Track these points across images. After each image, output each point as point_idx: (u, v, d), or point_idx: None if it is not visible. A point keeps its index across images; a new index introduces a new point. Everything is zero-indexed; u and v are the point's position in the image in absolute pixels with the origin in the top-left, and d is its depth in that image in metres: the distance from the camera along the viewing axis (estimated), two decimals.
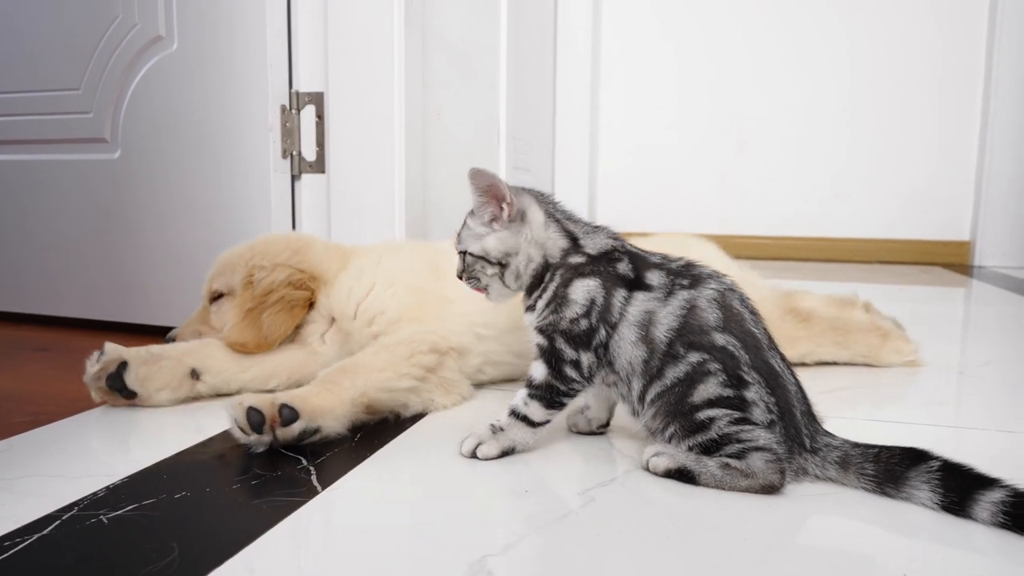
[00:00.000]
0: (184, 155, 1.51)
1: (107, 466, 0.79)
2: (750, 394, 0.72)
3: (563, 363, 0.78)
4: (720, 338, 0.74)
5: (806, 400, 0.75)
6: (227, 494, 0.72)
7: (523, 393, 0.80)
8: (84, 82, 1.59)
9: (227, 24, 1.44)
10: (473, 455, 0.80)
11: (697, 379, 0.73)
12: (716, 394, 0.72)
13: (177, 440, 0.87)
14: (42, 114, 1.64)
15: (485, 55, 2.11)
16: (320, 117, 1.51)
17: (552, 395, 0.79)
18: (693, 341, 0.74)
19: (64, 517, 0.66)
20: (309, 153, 1.52)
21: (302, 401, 0.84)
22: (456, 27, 1.87)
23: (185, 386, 1.01)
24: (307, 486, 0.73)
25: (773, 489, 0.70)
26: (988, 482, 0.65)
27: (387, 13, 1.46)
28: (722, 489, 0.71)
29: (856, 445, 0.73)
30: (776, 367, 0.74)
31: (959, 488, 0.66)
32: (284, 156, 1.49)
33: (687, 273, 0.79)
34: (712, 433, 0.72)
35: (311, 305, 1.10)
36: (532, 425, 0.80)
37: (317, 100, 1.51)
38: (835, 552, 0.61)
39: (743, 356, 0.73)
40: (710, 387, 0.73)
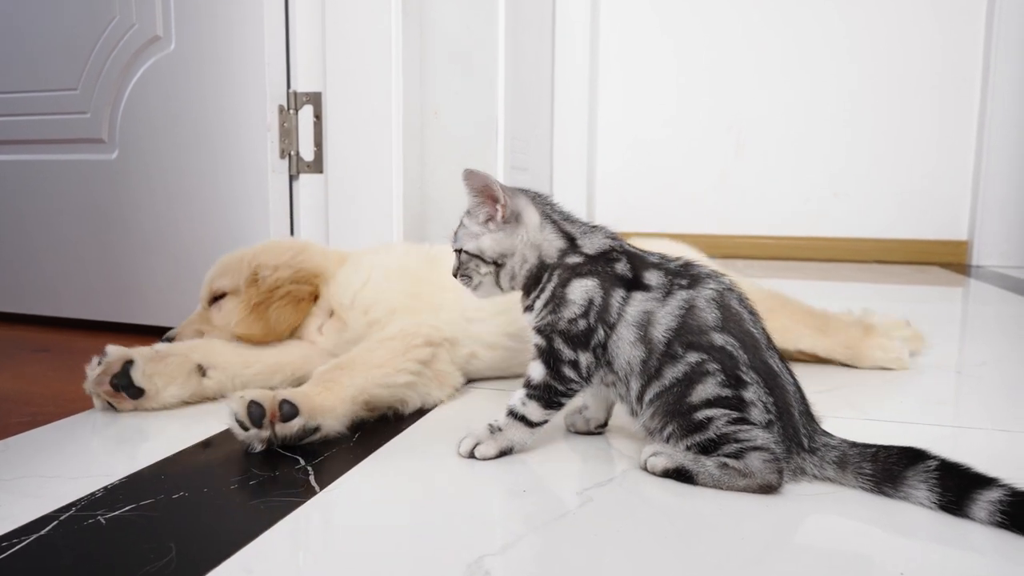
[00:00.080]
0: (182, 155, 1.51)
1: (105, 466, 0.79)
2: (748, 394, 0.72)
3: (561, 363, 0.78)
4: (719, 338, 0.74)
5: (804, 400, 0.75)
6: (225, 494, 0.71)
7: (521, 393, 0.80)
8: (82, 82, 1.58)
9: (225, 24, 1.44)
10: (471, 455, 0.80)
11: (695, 379, 0.73)
12: (714, 394, 0.72)
13: (175, 441, 0.87)
14: (40, 114, 1.64)
15: (483, 54, 2.11)
16: (318, 117, 1.51)
17: (550, 395, 0.79)
18: (692, 341, 0.74)
19: (62, 517, 0.66)
20: (307, 153, 1.52)
21: (303, 398, 0.84)
22: (454, 25, 1.87)
23: (192, 382, 1.00)
24: (305, 486, 0.73)
25: (771, 489, 0.70)
26: (986, 481, 0.65)
27: (385, 12, 1.46)
28: (720, 489, 0.71)
29: (854, 445, 0.73)
30: (774, 367, 0.74)
31: (957, 487, 0.66)
32: (282, 156, 1.49)
33: (686, 273, 0.79)
34: (710, 433, 0.72)
35: (315, 300, 1.12)
36: (530, 425, 0.80)
37: (315, 100, 1.51)
38: (833, 552, 0.61)
39: (741, 356, 0.73)
40: (708, 387, 0.73)
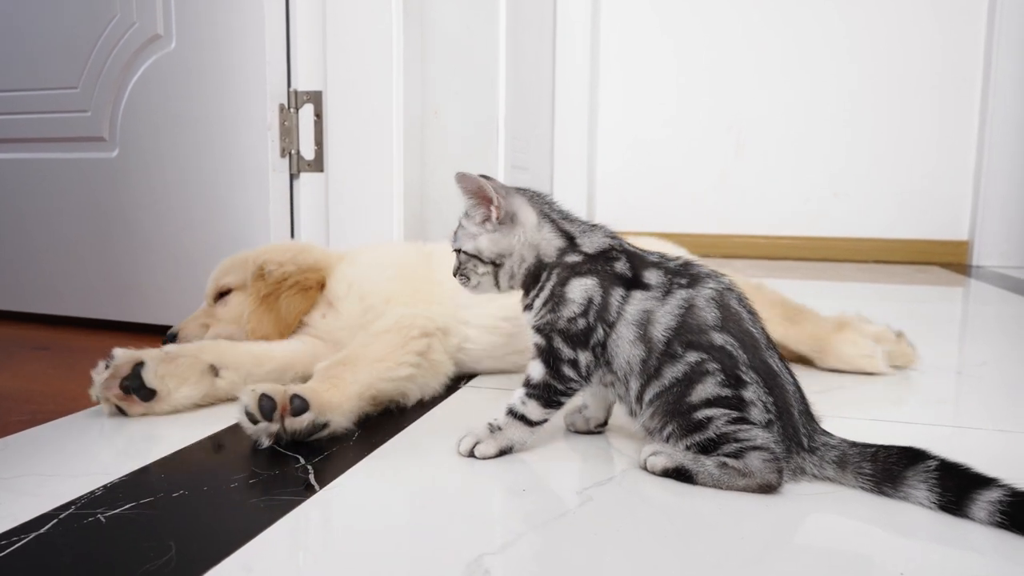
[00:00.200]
0: (182, 154, 1.51)
1: (105, 465, 0.79)
2: (748, 393, 0.72)
3: (561, 362, 0.78)
4: (718, 337, 0.74)
5: (804, 399, 0.75)
6: (225, 493, 0.71)
7: (521, 392, 0.80)
8: (82, 80, 1.58)
9: (225, 23, 1.44)
10: (471, 454, 0.80)
11: (695, 379, 0.73)
12: (714, 394, 0.72)
13: (175, 440, 0.87)
14: (40, 112, 1.64)
15: (484, 53, 2.11)
16: (319, 116, 1.51)
17: (550, 394, 0.79)
18: (691, 340, 0.74)
19: (61, 516, 0.66)
20: (308, 152, 1.52)
21: (313, 394, 0.85)
22: (454, 24, 1.87)
23: (205, 382, 0.99)
24: (305, 485, 0.73)
25: (771, 488, 0.70)
26: (986, 481, 0.65)
27: (385, 11, 1.46)
28: (720, 488, 0.71)
29: (854, 444, 0.73)
30: (774, 367, 0.74)
31: (957, 487, 0.66)
32: (283, 155, 1.49)
33: (685, 272, 0.78)
34: (710, 432, 0.72)
35: (321, 289, 1.15)
36: (530, 424, 0.80)
37: (316, 99, 1.51)
38: (833, 551, 0.61)
39: (741, 355, 0.73)
40: (708, 387, 0.72)
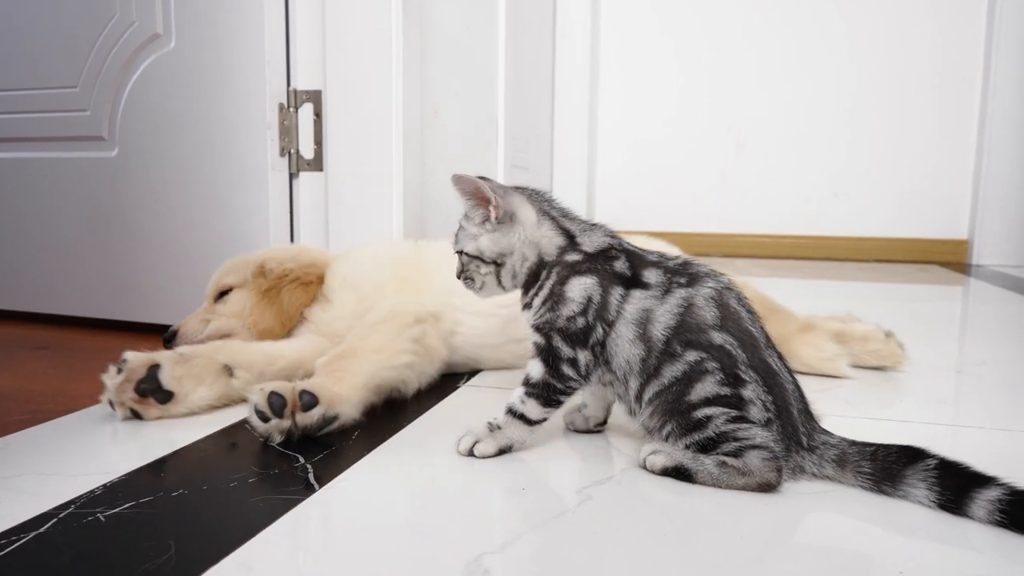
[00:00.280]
0: (182, 153, 1.51)
1: (104, 464, 0.79)
2: (747, 392, 0.72)
3: (560, 361, 0.78)
4: (717, 336, 0.74)
5: (803, 398, 0.75)
6: (224, 492, 0.71)
7: (520, 391, 0.80)
8: (82, 80, 1.58)
9: (225, 22, 1.44)
10: (470, 453, 0.80)
11: (694, 377, 0.73)
12: (713, 392, 0.72)
13: (174, 439, 0.87)
14: (40, 112, 1.64)
15: (483, 52, 2.11)
16: (318, 115, 1.51)
17: (549, 393, 0.79)
18: (691, 339, 0.74)
19: (61, 515, 0.66)
20: (307, 151, 1.52)
21: (321, 388, 0.87)
22: (454, 23, 1.87)
23: (220, 382, 0.99)
24: (304, 484, 0.73)
25: (770, 487, 0.70)
26: (985, 480, 0.65)
27: (385, 11, 1.46)
28: (719, 487, 0.71)
29: (853, 443, 0.73)
30: (773, 365, 0.74)
31: (956, 486, 0.66)
32: (282, 154, 1.49)
33: (684, 271, 0.78)
34: (709, 431, 0.72)
35: (321, 283, 1.19)
36: (529, 423, 0.80)
37: (315, 98, 1.51)
38: (832, 550, 0.61)
39: (740, 354, 0.73)
40: (707, 385, 0.72)
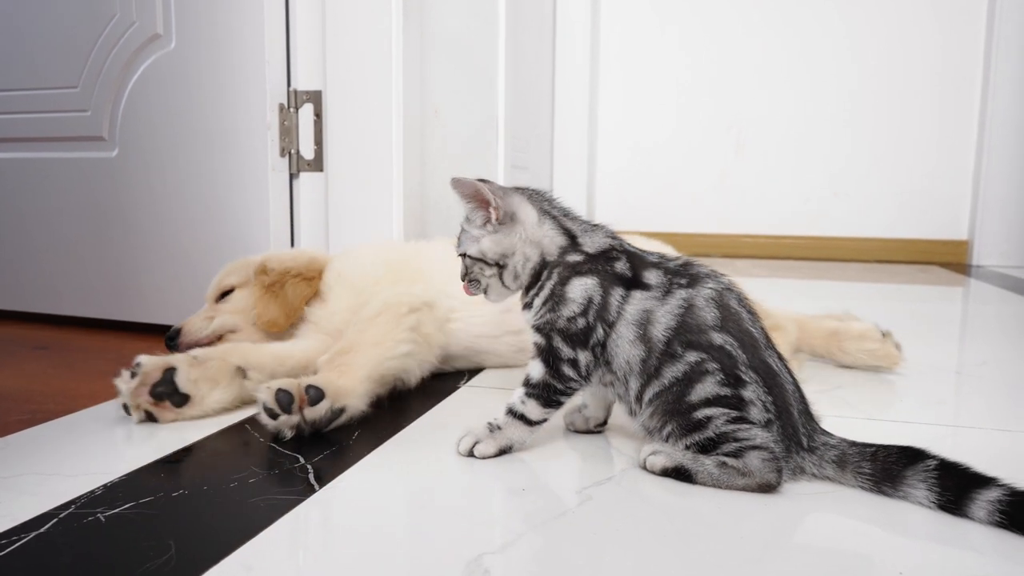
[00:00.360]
0: (182, 153, 1.51)
1: (104, 464, 0.79)
2: (747, 393, 0.72)
3: (560, 362, 0.78)
4: (718, 337, 0.74)
5: (803, 399, 0.75)
6: (224, 492, 0.72)
7: (520, 392, 0.80)
8: (82, 80, 1.58)
9: (225, 22, 1.44)
10: (470, 453, 0.80)
11: (695, 378, 0.73)
12: (714, 393, 0.72)
13: (174, 439, 0.87)
14: (40, 112, 1.64)
15: (483, 52, 2.11)
16: (318, 115, 1.51)
17: (549, 394, 0.79)
18: (691, 340, 0.74)
19: (61, 515, 0.66)
20: (307, 151, 1.52)
21: (327, 382, 0.88)
22: (454, 23, 1.87)
23: (235, 384, 1.00)
24: (304, 484, 0.73)
25: (770, 488, 0.70)
26: (985, 481, 0.65)
27: (385, 11, 1.46)
28: (719, 488, 0.71)
29: (853, 444, 0.73)
30: (773, 366, 0.74)
31: (956, 487, 0.66)
32: (282, 154, 1.49)
33: (685, 272, 0.79)
34: (709, 432, 0.72)
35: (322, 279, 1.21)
36: (529, 424, 0.80)
37: (315, 98, 1.51)
38: (832, 551, 0.61)
39: (740, 355, 0.73)
40: (708, 386, 0.73)
